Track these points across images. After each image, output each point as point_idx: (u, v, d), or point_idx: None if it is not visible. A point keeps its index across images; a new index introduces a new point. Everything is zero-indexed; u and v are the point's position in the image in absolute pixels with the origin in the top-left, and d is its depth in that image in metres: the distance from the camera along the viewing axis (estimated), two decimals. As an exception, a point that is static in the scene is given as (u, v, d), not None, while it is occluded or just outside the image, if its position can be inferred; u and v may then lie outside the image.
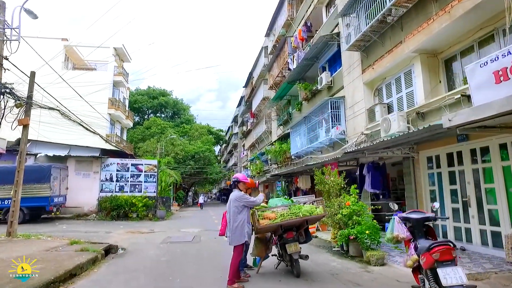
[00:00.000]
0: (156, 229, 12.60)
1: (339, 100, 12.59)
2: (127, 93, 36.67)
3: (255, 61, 30.63)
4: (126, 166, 18.08)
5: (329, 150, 13.38)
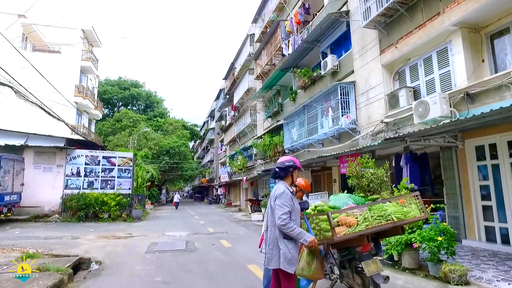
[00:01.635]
0: (135, 233, 10.56)
1: (348, 86, 11.22)
2: (96, 81, 33.44)
3: (238, 50, 28.85)
4: (97, 159, 15.64)
5: (334, 142, 12.00)
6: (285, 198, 2.97)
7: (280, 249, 2.92)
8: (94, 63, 29.25)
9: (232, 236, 9.50)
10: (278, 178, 3.20)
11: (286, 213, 2.89)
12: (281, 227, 2.87)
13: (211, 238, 9.21)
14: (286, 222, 2.85)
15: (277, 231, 2.96)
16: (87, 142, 17.04)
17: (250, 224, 13.41)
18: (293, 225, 2.89)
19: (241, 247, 7.61)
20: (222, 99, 38.49)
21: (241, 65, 27.67)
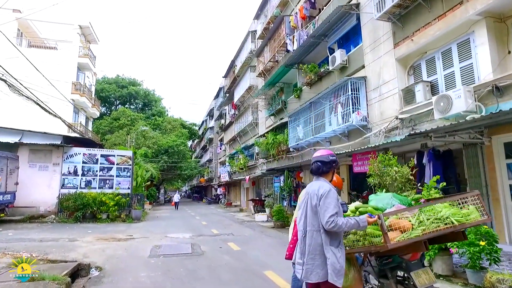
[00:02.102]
0: (136, 234, 10.04)
1: (359, 81, 10.76)
2: (94, 79, 32.79)
3: (239, 47, 28.34)
4: (95, 157, 15.08)
5: (343, 140, 11.55)
6: (333, 198, 2.55)
7: (328, 258, 2.46)
8: (92, 60, 28.65)
9: (239, 238, 9.01)
10: (319, 174, 2.73)
11: (335, 215, 2.47)
12: (332, 229, 2.45)
13: (217, 240, 8.72)
14: (336, 223, 2.45)
15: (322, 237, 2.50)
16: (85, 140, 16.49)
17: (254, 225, 12.92)
18: (344, 220, 2.50)
19: (251, 251, 7.13)
20: (222, 98, 37.96)
21: (242, 63, 27.17)
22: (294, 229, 3.16)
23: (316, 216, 2.56)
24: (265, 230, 10.89)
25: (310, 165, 2.83)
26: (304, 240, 2.60)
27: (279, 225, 11.45)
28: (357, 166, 8.74)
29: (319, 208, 2.52)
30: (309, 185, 2.77)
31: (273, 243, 8.20)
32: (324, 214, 2.47)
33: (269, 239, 8.76)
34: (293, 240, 2.92)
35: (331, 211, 2.47)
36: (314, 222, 2.55)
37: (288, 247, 3.01)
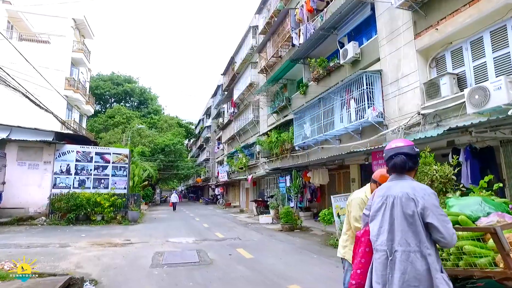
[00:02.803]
0: (134, 239, 9.24)
1: (374, 75, 10.10)
2: (88, 75, 31.77)
3: (239, 44, 27.59)
4: (89, 155, 14.20)
5: (356, 138, 10.87)
6: (438, 202, 1.87)
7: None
8: (86, 55, 27.65)
9: (248, 244, 8.26)
10: (405, 170, 2.00)
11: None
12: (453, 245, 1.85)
13: (224, 246, 7.97)
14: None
15: (427, 260, 1.75)
16: (79, 136, 15.59)
17: (260, 228, 12.18)
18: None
19: (266, 259, 6.39)
20: (220, 96, 37.18)
21: (242, 59, 26.44)
22: (359, 247, 2.23)
23: (414, 230, 1.81)
24: (273, 234, 10.16)
25: (389, 158, 2.03)
26: (391, 266, 1.85)
27: (287, 228, 10.73)
28: (377, 165, 8.05)
29: (430, 219, 1.78)
30: (388, 187, 2.01)
31: (287, 249, 7.46)
32: (447, 226, 1.77)
33: (282, 245, 8.03)
34: (360, 263, 2.13)
35: (448, 221, 1.78)
36: (411, 239, 1.81)
37: (354, 273, 2.20)
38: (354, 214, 2.81)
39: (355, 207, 2.84)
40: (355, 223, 2.78)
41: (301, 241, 8.59)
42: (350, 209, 2.89)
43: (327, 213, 7.96)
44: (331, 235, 9.62)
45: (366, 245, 2.06)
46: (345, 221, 3.01)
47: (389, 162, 2.05)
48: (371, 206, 2.06)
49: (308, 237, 9.43)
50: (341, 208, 7.87)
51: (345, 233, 2.97)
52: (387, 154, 2.08)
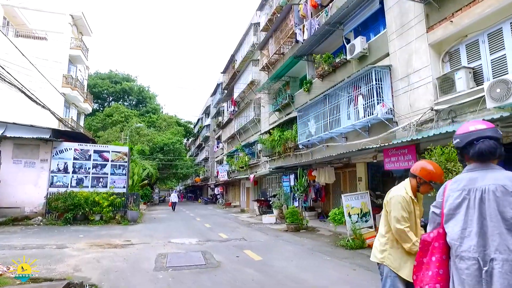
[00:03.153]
0: (134, 239, 8.87)
1: (383, 70, 9.78)
2: (86, 72, 31.31)
3: (240, 41, 27.26)
4: (87, 153, 13.79)
5: (363, 135, 10.55)
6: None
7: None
8: (84, 53, 27.22)
9: (254, 245, 7.91)
10: (494, 157, 1.65)
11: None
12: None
13: (229, 247, 7.61)
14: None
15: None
16: (76, 134, 15.17)
17: (264, 228, 11.83)
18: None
19: (276, 261, 6.03)
20: (220, 94, 36.80)
21: (243, 57, 26.09)
22: (432, 254, 1.73)
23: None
24: (279, 235, 9.81)
25: (468, 144, 1.60)
26: (487, 279, 1.48)
27: (293, 228, 10.38)
28: (390, 163, 7.73)
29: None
30: (470, 179, 1.64)
31: (297, 250, 7.12)
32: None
33: (290, 246, 7.68)
34: (438, 276, 1.67)
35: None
36: None
37: (418, 281, 1.78)
38: (395, 214, 2.46)
39: (395, 206, 2.48)
40: (397, 224, 2.43)
41: (309, 242, 8.25)
42: (389, 208, 2.53)
43: (338, 213, 7.63)
44: (340, 235, 9.30)
45: (442, 252, 1.68)
46: (381, 222, 2.66)
47: (469, 148, 1.68)
48: (445, 202, 1.70)
49: (316, 237, 9.09)
50: (352, 207, 7.55)
51: (383, 235, 2.61)
52: (464, 139, 1.70)
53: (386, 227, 2.58)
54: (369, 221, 7.77)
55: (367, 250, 6.96)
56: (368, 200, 7.89)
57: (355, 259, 6.12)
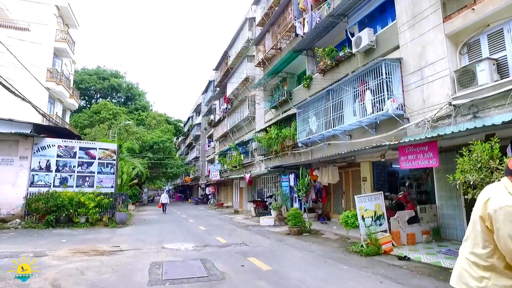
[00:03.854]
0: (124, 245, 8.02)
1: (394, 63, 9.19)
2: (73, 67, 29.96)
3: (234, 37, 26.48)
4: (72, 150, 12.79)
5: (370, 133, 9.97)
6: None
7: None
8: (70, 46, 25.93)
9: (258, 251, 7.17)
10: None
11: None
12: None
13: (231, 253, 6.86)
14: None
15: None
16: (61, 129, 14.11)
17: (264, 231, 11.09)
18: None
19: (288, 271, 5.31)
20: (212, 92, 35.93)
21: (237, 53, 25.32)
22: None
23: None
24: (282, 238, 9.09)
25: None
26: None
27: (295, 231, 9.69)
28: (406, 161, 7.12)
29: None
30: None
31: (307, 258, 6.42)
32: None
33: (298, 252, 6.98)
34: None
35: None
36: None
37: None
38: (509, 231, 1.69)
39: (507, 220, 1.71)
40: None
41: (318, 247, 7.57)
42: (497, 224, 1.74)
43: (350, 216, 6.97)
44: (348, 239, 8.66)
45: None
46: (475, 240, 1.89)
47: None
48: None
49: (323, 242, 8.42)
50: (365, 210, 6.90)
51: (484, 259, 1.82)
52: None
53: (489, 249, 1.81)
54: (383, 224, 7.14)
55: (384, 257, 6.33)
56: (382, 201, 7.26)
57: (376, 268, 5.47)
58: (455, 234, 7.55)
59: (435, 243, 7.35)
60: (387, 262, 5.84)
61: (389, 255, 6.41)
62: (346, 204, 12.69)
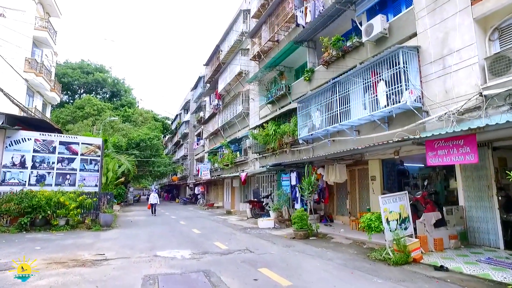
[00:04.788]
0: (109, 252, 6.94)
1: (411, 52, 8.42)
2: (54, 59, 28.20)
3: (226, 30, 25.47)
4: (51, 144, 11.49)
5: (381, 128, 9.20)
6: None
7: None
8: (51, 35, 24.28)
9: (267, 259, 6.21)
10: None
11: None
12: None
13: (237, 263, 5.89)
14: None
15: None
16: (38, 121, 12.74)
17: (265, 234, 10.13)
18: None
19: (312, 286, 4.40)
20: (202, 88, 34.76)
21: (230, 47, 24.31)
22: None
23: None
24: (290, 244, 8.15)
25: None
26: None
27: (302, 235, 8.78)
28: (435, 157, 6.32)
29: None
30: None
31: (327, 268, 5.51)
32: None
33: (315, 261, 6.06)
34: None
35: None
36: None
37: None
38: None
39: None
40: None
41: (334, 254, 6.68)
42: None
43: (374, 218, 6.09)
44: (363, 244, 7.82)
45: None
46: None
47: None
48: None
49: (336, 247, 7.54)
50: (390, 212, 6.06)
51: None
52: None
53: None
54: (409, 228, 6.32)
55: (416, 267, 5.50)
56: (407, 202, 6.44)
57: (416, 282, 4.61)
58: (487, 239, 6.82)
59: (466, 249, 6.57)
60: (424, 274, 5.01)
61: (421, 264, 5.59)
62: (351, 205, 11.90)
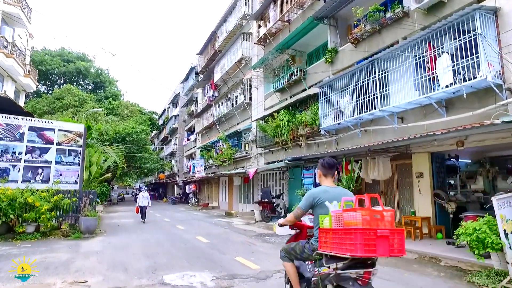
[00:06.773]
0: (94, 277, 4.85)
1: (488, 15, 6.66)
2: (29, 41, 25.26)
3: (225, 14, 23.43)
4: (18, 130, 9.15)
5: (437, 114, 7.44)
6: None
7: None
8: (26, 13, 21.44)
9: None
10: None
11: None
12: None
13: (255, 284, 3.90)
14: None
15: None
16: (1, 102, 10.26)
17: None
18: None
19: None
20: (193, 79, 32.47)
21: (228, 32, 22.25)
22: None
23: None
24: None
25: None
26: None
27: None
28: None
29: None
30: None
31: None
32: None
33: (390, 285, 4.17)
34: None
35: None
36: None
37: None
38: None
39: None
40: None
41: (416, 277, 4.80)
42: None
43: (485, 229, 4.21)
44: (433, 259, 5.98)
45: None
46: None
47: None
48: None
49: (405, 265, 5.68)
50: (507, 220, 4.24)
51: None
52: None
53: None
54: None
55: None
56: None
57: None
58: None
59: None
60: None
61: None
62: (384, 207, 10.10)
